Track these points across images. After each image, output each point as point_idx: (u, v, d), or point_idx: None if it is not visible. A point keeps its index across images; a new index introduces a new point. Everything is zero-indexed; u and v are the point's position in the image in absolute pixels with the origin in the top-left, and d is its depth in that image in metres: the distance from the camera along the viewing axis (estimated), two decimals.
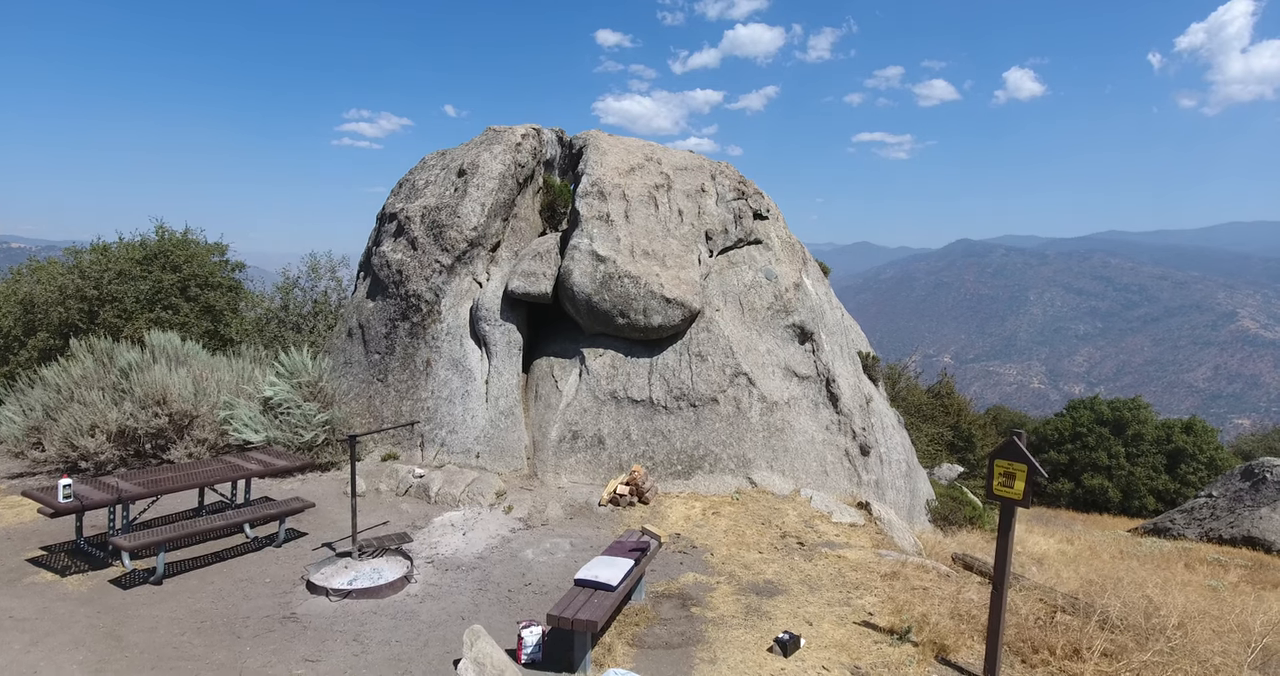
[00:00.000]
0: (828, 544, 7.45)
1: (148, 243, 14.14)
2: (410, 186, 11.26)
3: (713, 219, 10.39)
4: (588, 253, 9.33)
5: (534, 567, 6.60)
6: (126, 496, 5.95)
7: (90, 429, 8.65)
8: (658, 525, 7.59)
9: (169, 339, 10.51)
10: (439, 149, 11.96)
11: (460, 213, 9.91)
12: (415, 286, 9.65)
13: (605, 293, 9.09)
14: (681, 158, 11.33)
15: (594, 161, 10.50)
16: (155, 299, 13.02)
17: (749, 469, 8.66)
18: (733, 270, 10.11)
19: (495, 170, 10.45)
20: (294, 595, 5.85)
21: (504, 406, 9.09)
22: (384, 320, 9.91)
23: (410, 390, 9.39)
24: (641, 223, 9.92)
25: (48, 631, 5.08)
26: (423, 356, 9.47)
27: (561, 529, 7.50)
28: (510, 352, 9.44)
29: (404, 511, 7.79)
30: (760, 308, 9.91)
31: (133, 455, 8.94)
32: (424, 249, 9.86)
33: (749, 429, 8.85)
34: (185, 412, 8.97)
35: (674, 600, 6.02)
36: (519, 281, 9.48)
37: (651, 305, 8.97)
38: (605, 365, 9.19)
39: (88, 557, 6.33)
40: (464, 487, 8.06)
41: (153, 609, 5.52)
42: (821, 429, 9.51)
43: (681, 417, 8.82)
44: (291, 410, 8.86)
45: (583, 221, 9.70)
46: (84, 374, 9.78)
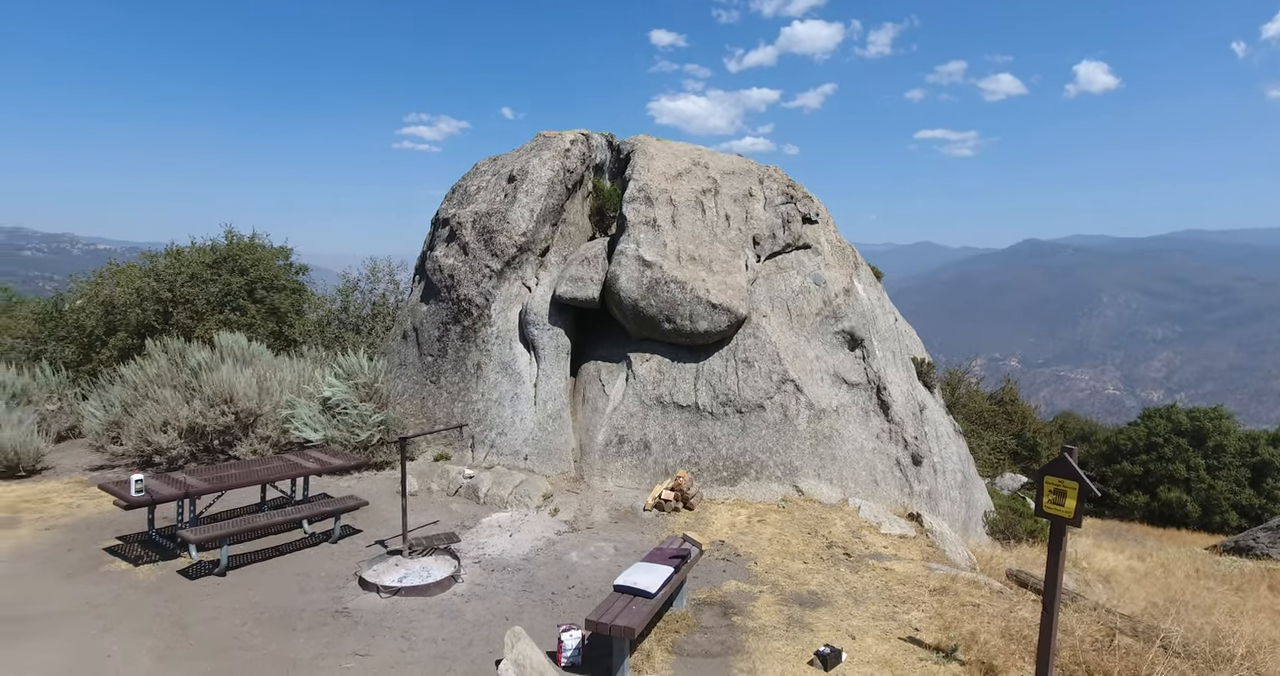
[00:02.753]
0: (875, 555, 7.32)
1: (218, 247, 14.79)
2: (463, 192, 11.51)
3: (760, 224, 10.32)
4: (634, 258, 9.39)
5: (578, 570, 6.68)
6: (193, 491, 6.26)
7: (163, 425, 9.12)
8: (702, 531, 7.59)
9: (236, 340, 10.99)
10: (494, 152, 12.23)
11: (510, 218, 10.09)
12: (466, 291, 9.87)
13: (651, 298, 9.12)
14: (729, 162, 11.28)
15: (641, 166, 10.55)
16: (224, 301, 13.62)
17: (796, 477, 8.58)
18: (780, 275, 10.02)
19: (544, 176, 10.59)
20: (346, 590, 6.06)
21: (552, 409, 9.22)
22: (437, 323, 10.16)
23: (461, 392, 9.60)
24: (688, 228, 9.92)
25: (119, 618, 5.39)
26: (473, 359, 9.68)
27: (606, 532, 7.57)
28: (558, 357, 9.57)
29: (453, 511, 7.97)
30: (809, 313, 9.80)
31: (202, 450, 9.38)
32: (475, 254, 10.07)
33: (796, 436, 8.76)
34: (250, 411, 9.37)
35: (715, 608, 6.02)
36: (566, 286, 9.59)
37: (698, 311, 8.96)
38: (651, 370, 9.23)
39: (158, 548, 6.68)
40: (512, 489, 8.20)
41: (216, 599, 5.79)
42: (871, 437, 9.35)
43: (728, 424, 8.79)
44: (349, 410, 9.17)
45: (629, 227, 9.76)
46: (158, 372, 10.30)
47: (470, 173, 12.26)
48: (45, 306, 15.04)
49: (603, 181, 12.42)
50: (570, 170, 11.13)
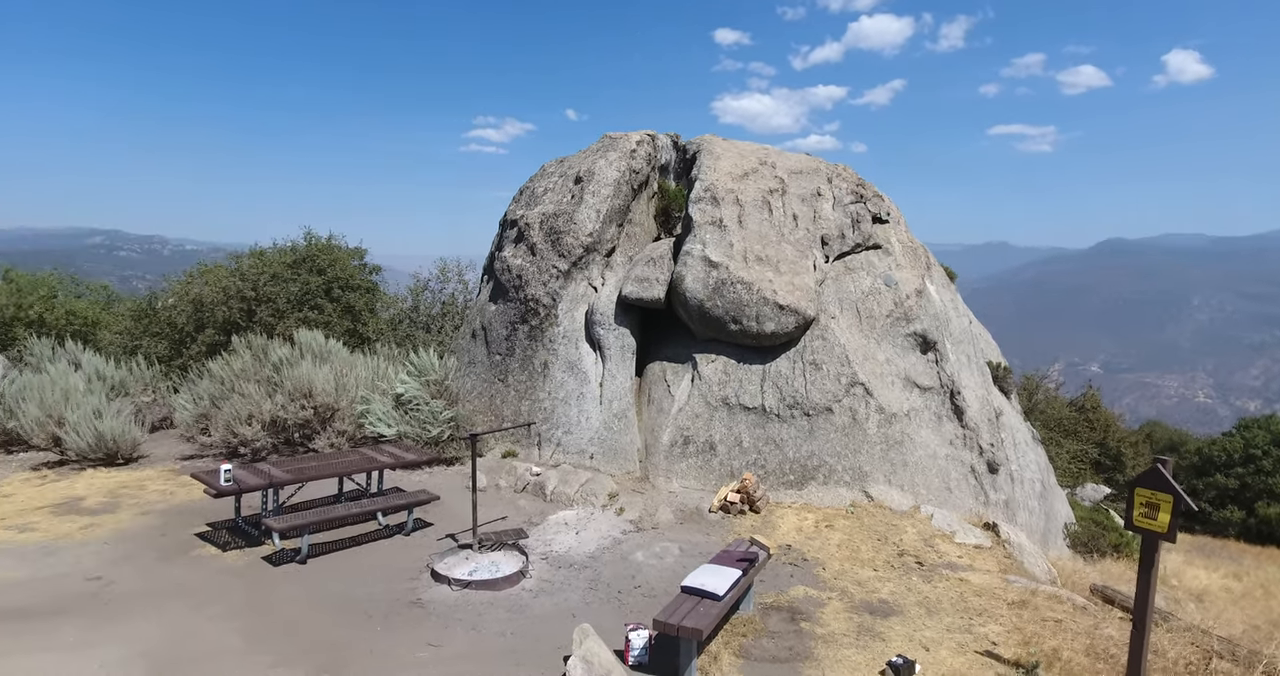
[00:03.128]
0: (949, 565, 7.10)
1: (297, 247, 15.42)
2: (530, 194, 11.68)
3: (829, 223, 10.14)
4: (700, 258, 9.35)
5: (643, 570, 6.69)
6: (276, 482, 6.54)
7: (248, 418, 9.55)
8: (768, 535, 7.50)
9: (314, 337, 11.43)
10: (558, 153, 12.39)
11: (576, 219, 10.18)
12: (533, 291, 10.01)
13: (717, 299, 9.07)
14: (796, 161, 11.12)
15: (707, 167, 10.50)
16: (303, 300, 14.19)
17: (865, 482, 8.39)
18: (850, 276, 9.82)
19: (610, 177, 10.65)
20: (419, 582, 6.22)
21: (617, 409, 9.26)
22: (504, 323, 10.34)
23: (529, 390, 9.74)
24: (755, 228, 9.83)
25: (209, 600, 5.66)
26: (540, 358, 9.81)
27: (671, 533, 7.56)
28: (624, 356, 9.61)
29: (521, 507, 8.10)
30: (879, 315, 9.57)
31: (283, 443, 9.79)
32: (542, 254, 10.21)
33: (865, 440, 8.57)
34: (328, 406, 9.73)
35: (783, 613, 5.94)
36: (632, 287, 9.63)
37: (764, 312, 8.86)
38: (717, 371, 9.17)
39: (244, 535, 7.00)
40: (578, 487, 8.28)
41: (297, 586, 6.03)
42: (945, 443, 9.07)
43: (795, 426, 8.66)
44: (420, 407, 9.42)
45: (695, 227, 9.73)
46: (243, 368, 10.80)
47: (537, 174, 12.44)
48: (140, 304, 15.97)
49: (668, 182, 12.42)
50: (636, 171, 11.16)
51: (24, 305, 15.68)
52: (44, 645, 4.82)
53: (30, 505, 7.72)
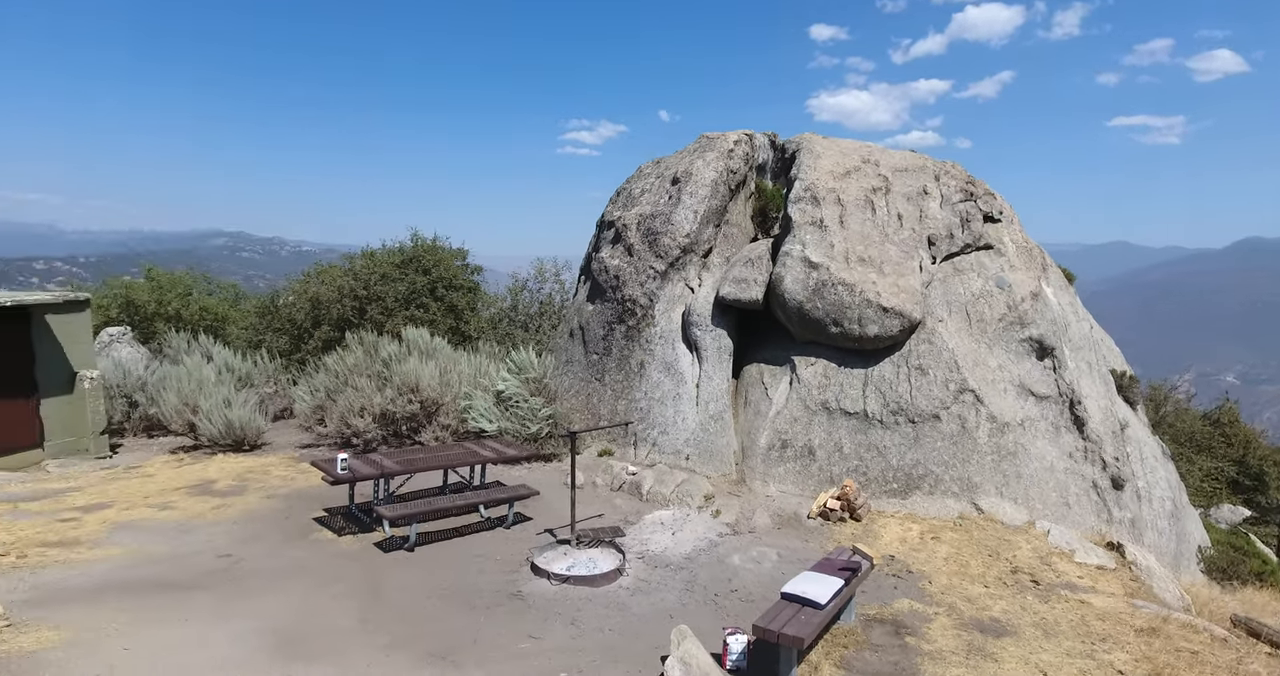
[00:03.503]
0: (1068, 585, 6.67)
1: (404, 248, 16.11)
2: (627, 195, 11.76)
3: (936, 223, 9.73)
4: (800, 259, 9.16)
5: (740, 574, 6.60)
6: (387, 472, 6.84)
7: (360, 410, 10.05)
8: (869, 544, 7.26)
9: (420, 334, 11.91)
10: (650, 154, 12.40)
11: (674, 220, 10.18)
12: (631, 291, 10.07)
13: (818, 300, 8.86)
14: (901, 158, 10.73)
15: (807, 165, 10.28)
16: (410, 298, 14.81)
17: (974, 493, 8.00)
18: (959, 278, 9.39)
19: (708, 177, 10.59)
20: (519, 575, 6.36)
21: (714, 411, 9.20)
22: (602, 323, 10.45)
23: (625, 390, 9.81)
24: (857, 228, 9.54)
25: (326, 582, 5.98)
26: (637, 358, 9.86)
27: (769, 538, 7.43)
28: (720, 358, 9.53)
29: (617, 506, 8.16)
30: (990, 319, 9.11)
31: (391, 435, 10.24)
32: (639, 255, 10.26)
33: (975, 450, 8.17)
34: (433, 400, 10.11)
35: (886, 626, 5.73)
36: (730, 288, 9.54)
37: (867, 314, 8.59)
38: (817, 374, 8.96)
39: (357, 521, 7.36)
40: (674, 488, 8.27)
41: (406, 572, 6.28)
42: (1063, 455, 8.53)
43: (899, 433, 8.35)
44: (520, 404, 9.65)
45: (795, 227, 9.55)
46: (355, 363, 11.38)
47: (634, 175, 12.52)
48: (264, 302, 17.08)
49: (764, 182, 12.25)
50: (733, 171, 11.06)
51: (164, 301, 17.07)
52: (182, 616, 5.21)
53: (169, 485, 8.38)
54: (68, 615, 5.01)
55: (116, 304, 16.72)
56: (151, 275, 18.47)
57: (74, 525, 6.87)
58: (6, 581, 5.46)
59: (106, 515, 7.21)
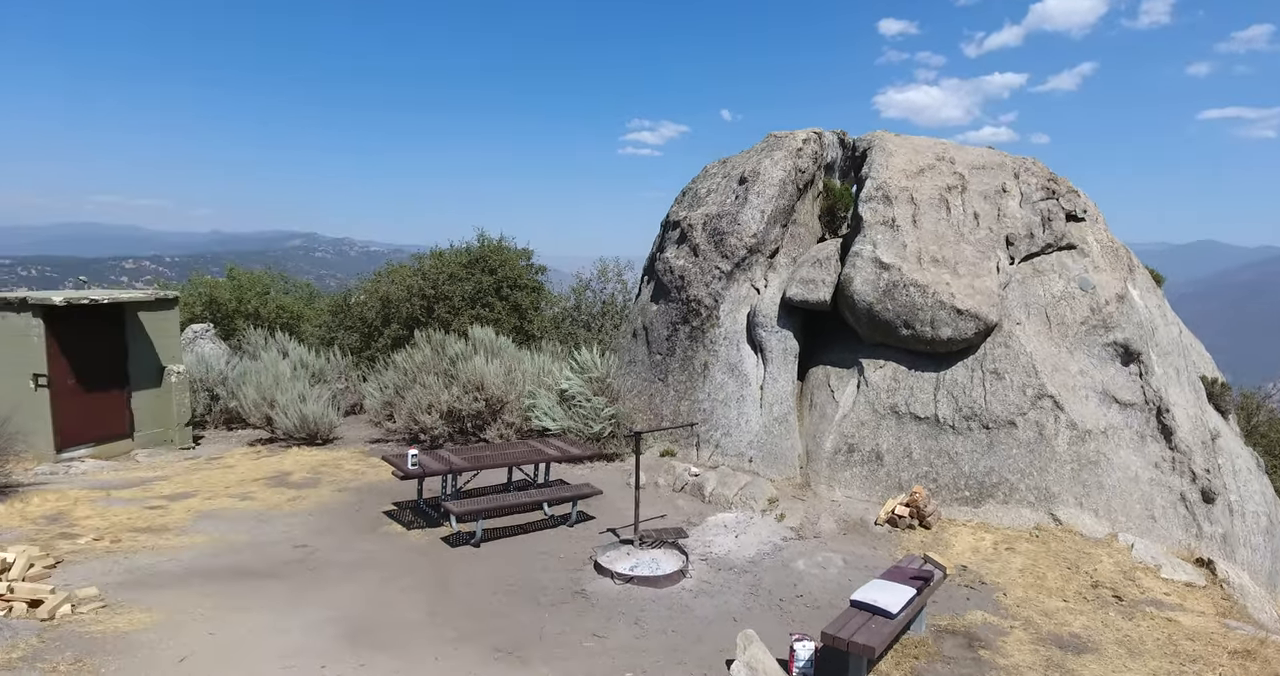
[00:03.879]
0: (1153, 602, 6.34)
1: (471, 248, 16.40)
2: (693, 195, 11.71)
3: (1015, 222, 9.38)
4: (870, 260, 8.95)
5: (805, 579, 6.49)
6: (455, 468, 6.97)
7: (427, 407, 10.28)
8: (940, 553, 7.04)
9: (486, 333, 12.11)
10: (715, 154, 12.29)
11: (740, 220, 10.08)
12: (695, 292, 10.02)
13: (888, 302, 8.64)
14: (978, 155, 10.38)
15: (878, 164, 10.04)
16: (476, 298, 15.07)
17: (1052, 503, 7.67)
18: (1038, 279, 9.03)
19: (775, 177, 10.46)
20: (583, 573, 6.39)
21: (778, 413, 9.07)
22: (666, 323, 10.43)
23: (688, 391, 9.77)
24: (930, 227, 9.27)
25: (396, 575, 6.12)
26: (700, 359, 9.81)
27: (834, 543, 7.29)
28: (786, 359, 9.40)
29: (679, 507, 8.13)
30: (1072, 322, 8.73)
31: (457, 432, 10.44)
32: (705, 255, 10.20)
33: (1053, 458, 7.83)
34: (498, 398, 10.27)
35: (959, 638, 5.55)
36: (797, 288, 9.39)
37: (940, 316, 8.34)
38: (885, 377, 8.75)
39: (425, 516, 7.52)
40: (737, 490, 8.18)
41: (472, 567, 6.39)
42: (1148, 466, 8.11)
43: (971, 439, 8.08)
44: (583, 403, 9.71)
45: (865, 227, 9.33)
46: (423, 361, 11.64)
47: (699, 175, 12.46)
48: (337, 300, 17.64)
49: (833, 181, 12.04)
50: (802, 170, 10.90)
51: (244, 300, 17.81)
52: (260, 604, 5.41)
53: (248, 477, 8.73)
54: (157, 599, 5.26)
55: (200, 301, 17.53)
56: (233, 274, 19.30)
57: (161, 512, 7.22)
58: (103, 564, 5.77)
59: (191, 504, 7.55)
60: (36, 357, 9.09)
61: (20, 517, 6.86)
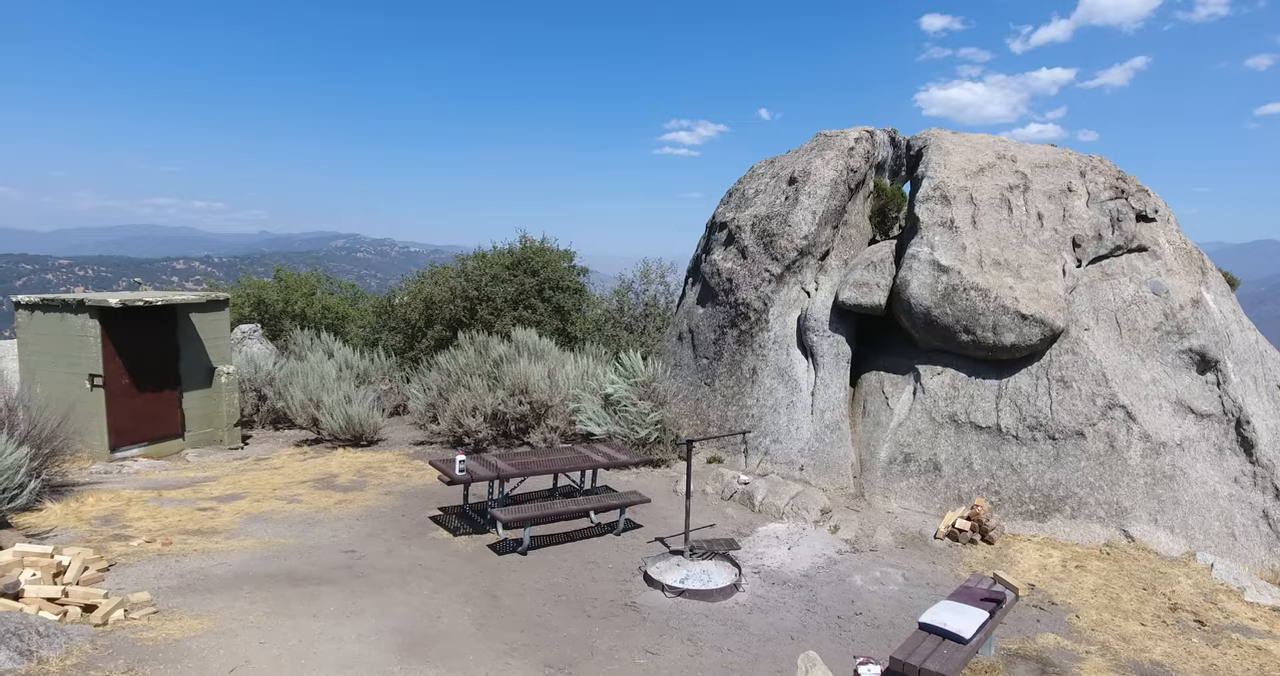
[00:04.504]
0: (1239, 628, 5.95)
1: (514, 249, 16.35)
2: (740, 195, 11.48)
3: (1081, 223, 8.96)
4: (928, 262, 8.63)
5: (863, 595, 6.23)
6: (503, 474, 6.85)
7: (472, 410, 10.22)
8: (1006, 571, 6.71)
9: (529, 335, 12.03)
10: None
11: (791, 221, 9.83)
12: (744, 295, 9.79)
13: (947, 306, 8.32)
14: (1041, 153, 9.96)
15: (935, 163, 9.69)
16: (518, 299, 15.02)
17: (1124, 519, 7.28)
18: (1107, 283, 8.61)
19: (827, 177, 10.18)
20: (633, 584, 6.22)
21: (830, 420, 8.80)
22: (712, 326, 10.22)
23: (736, 396, 9.54)
24: (991, 229, 8.91)
25: (445, 583, 6.02)
26: (749, 364, 9.58)
27: (892, 558, 7.00)
28: (838, 365, 9.12)
29: (729, 516, 7.91)
30: (1143, 328, 8.30)
31: (500, 435, 10.37)
32: (753, 258, 9.97)
33: (1125, 472, 7.44)
34: (543, 402, 10.16)
35: (1030, 663, 5.25)
36: (850, 292, 9.10)
37: (1003, 322, 7.99)
38: (943, 385, 8.42)
39: (471, 521, 7.42)
40: (788, 500, 7.94)
41: (520, 576, 6.26)
42: (1228, 481, 7.66)
43: (1036, 450, 7.72)
44: (628, 408, 9.54)
45: (922, 228, 9.01)
46: (467, 363, 11.61)
47: (746, 175, 12.22)
48: (381, 302, 17.77)
49: (883, 180, 11.71)
50: (854, 170, 10.60)
51: (290, 301, 18.05)
52: (310, 611, 5.34)
53: (295, 478, 8.75)
54: (208, 605, 5.23)
55: (249, 302, 17.81)
56: (280, 275, 19.59)
57: (211, 515, 7.24)
58: (155, 568, 5.78)
59: (240, 506, 7.57)
60: (93, 358, 9.25)
61: (76, 518, 6.94)
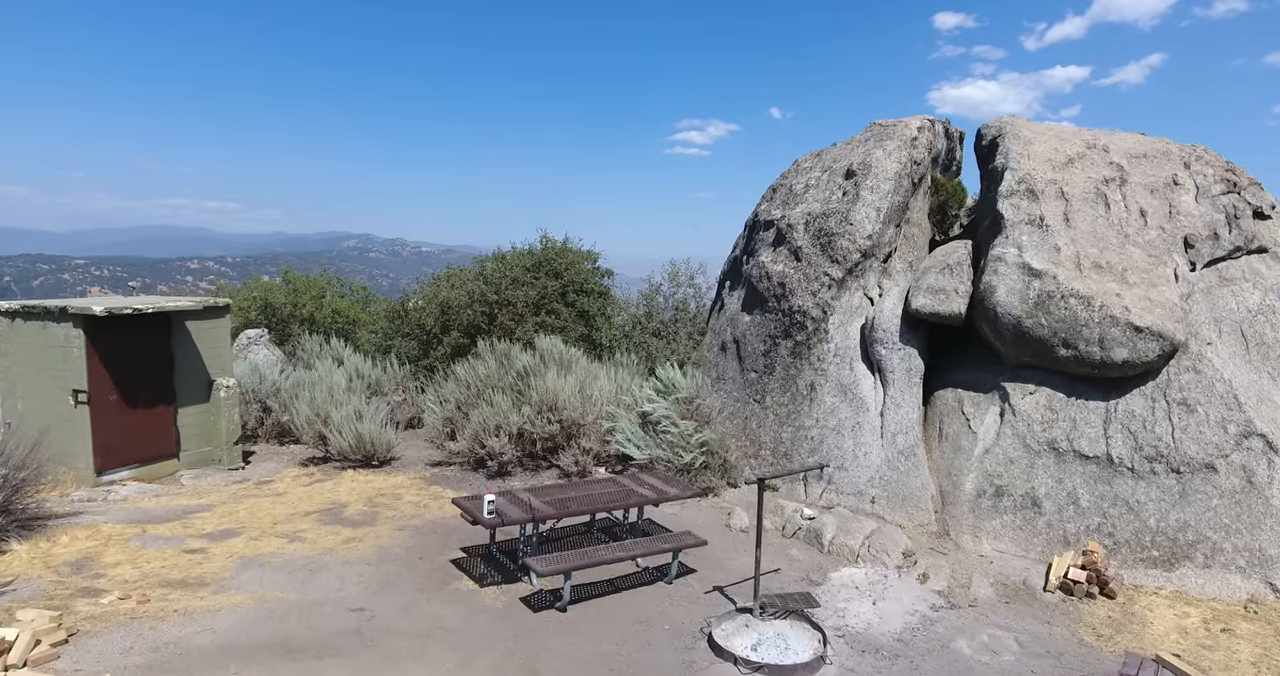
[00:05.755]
0: None
1: (534, 250, 15.34)
2: (786, 191, 10.44)
3: (1193, 220, 7.86)
4: (1016, 265, 7.55)
5: (975, 668, 5.17)
6: (539, 516, 5.83)
7: (495, 429, 9.21)
8: (1137, 634, 5.64)
9: (555, 344, 11.01)
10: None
11: (852, 219, 8.76)
12: (799, 301, 8.74)
13: (1042, 316, 7.24)
14: (1136, 142, 8.87)
15: (1017, 153, 8.60)
16: (540, 304, 14.01)
17: (1269, 569, 6.18)
18: (1227, 289, 7.51)
19: (890, 169, 9.12)
20: (696, 652, 5.19)
21: (903, 445, 7.74)
22: (762, 336, 9.17)
23: (791, 415, 8.49)
24: (1087, 227, 7.83)
25: (472, 654, 5.00)
26: (806, 379, 8.52)
27: (997, 616, 5.93)
28: (910, 381, 8.05)
29: (794, 558, 6.86)
30: (1273, 342, 7.19)
31: (526, 456, 9.35)
32: (809, 260, 8.91)
33: (1268, 513, 6.34)
34: (573, 421, 9.13)
35: None
36: (925, 299, 8.03)
37: (1112, 335, 6.90)
38: (1038, 406, 7.34)
39: (499, 567, 6.40)
40: (862, 540, 6.88)
41: (560, 641, 5.24)
42: None
43: (1156, 486, 6.63)
44: (670, 428, 8.51)
45: (1007, 226, 7.93)
46: (488, 374, 10.61)
47: (790, 170, 11.18)
48: (394, 306, 16.79)
49: (937, 174, 10.67)
50: (917, 162, 9.54)
51: (298, 304, 17.13)
52: None
53: (299, 509, 7.76)
54: None
55: (255, 306, 16.90)
56: (287, 277, 18.68)
57: (200, 558, 6.26)
58: (124, 637, 4.79)
59: (234, 546, 6.59)
60: (77, 371, 8.31)
61: (43, 564, 5.98)
